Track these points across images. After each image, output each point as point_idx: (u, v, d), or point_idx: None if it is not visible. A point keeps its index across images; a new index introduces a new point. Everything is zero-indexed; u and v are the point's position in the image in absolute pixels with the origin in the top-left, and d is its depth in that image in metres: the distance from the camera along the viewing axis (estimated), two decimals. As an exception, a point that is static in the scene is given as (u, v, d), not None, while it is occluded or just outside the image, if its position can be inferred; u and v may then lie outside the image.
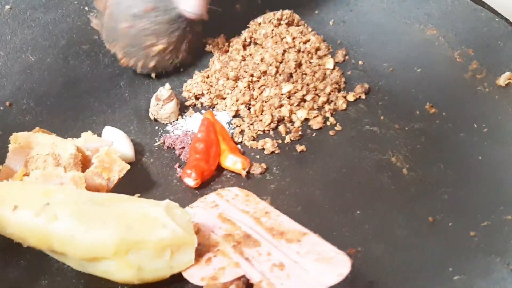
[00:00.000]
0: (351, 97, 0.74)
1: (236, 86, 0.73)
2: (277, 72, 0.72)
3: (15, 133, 0.58)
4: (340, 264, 0.48)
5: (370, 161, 0.66)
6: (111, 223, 0.48)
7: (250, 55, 0.75)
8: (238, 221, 0.55)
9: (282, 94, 0.71)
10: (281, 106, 0.71)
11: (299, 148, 0.68)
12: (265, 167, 0.65)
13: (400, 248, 0.56)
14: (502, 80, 0.68)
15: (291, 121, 0.71)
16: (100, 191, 0.57)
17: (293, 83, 0.72)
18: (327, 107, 0.72)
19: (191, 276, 0.49)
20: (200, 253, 0.51)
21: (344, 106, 0.73)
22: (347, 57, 0.79)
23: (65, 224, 0.48)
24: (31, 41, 0.75)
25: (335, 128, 0.70)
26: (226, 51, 0.77)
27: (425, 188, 0.62)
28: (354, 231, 0.58)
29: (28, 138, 0.58)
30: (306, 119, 0.71)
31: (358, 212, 0.60)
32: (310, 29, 0.79)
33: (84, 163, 0.60)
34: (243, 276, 0.48)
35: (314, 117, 0.71)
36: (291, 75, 0.73)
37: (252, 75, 0.72)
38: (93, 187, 0.57)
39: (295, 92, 0.72)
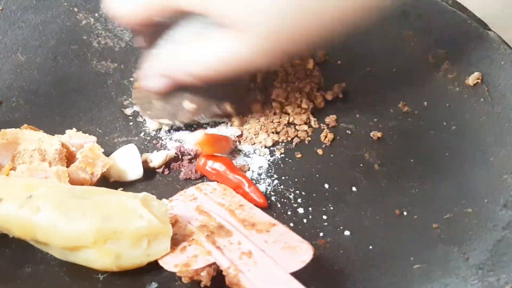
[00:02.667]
0: (329, 96, 0.76)
1: None
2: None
3: (3, 129, 0.61)
4: (303, 252, 0.51)
5: (344, 157, 0.69)
6: (91, 214, 0.51)
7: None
8: (213, 213, 0.58)
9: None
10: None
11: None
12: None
13: (366, 238, 0.59)
14: (471, 80, 0.71)
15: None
16: (84, 184, 0.60)
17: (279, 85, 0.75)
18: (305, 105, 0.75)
19: (166, 263, 0.52)
20: (176, 242, 0.54)
21: (322, 104, 0.76)
22: (326, 57, 0.82)
23: (47, 215, 0.51)
24: (21, 41, 0.77)
25: (313, 125, 0.73)
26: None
27: (394, 183, 0.65)
28: (325, 224, 0.61)
29: (15, 134, 0.61)
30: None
31: (330, 205, 0.63)
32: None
33: (69, 159, 0.62)
34: (214, 263, 0.51)
35: (297, 113, 0.74)
36: (277, 74, 0.76)
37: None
38: (77, 181, 0.60)
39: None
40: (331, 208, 0.63)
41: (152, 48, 0.65)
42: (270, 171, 0.67)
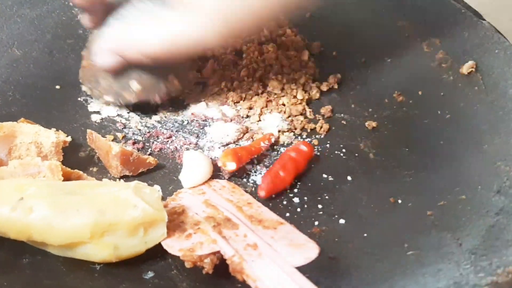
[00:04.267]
0: (324, 87, 0.77)
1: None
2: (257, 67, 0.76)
3: (0, 122, 0.62)
4: (309, 250, 0.52)
5: (339, 146, 0.69)
6: (85, 210, 0.51)
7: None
8: (221, 207, 0.59)
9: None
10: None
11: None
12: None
13: (361, 226, 0.59)
14: (465, 69, 0.72)
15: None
16: (81, 178, 0.61)
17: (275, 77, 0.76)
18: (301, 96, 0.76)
19: (170, 247, 0.53)
20: (181, 229, 0.55)
21: (318, 95, 0.76)
22: (322, 48, 0.82)
23: (41, 215, 0.51)
24: (17, 36, 0.77)
25: (308, 116, 0.73)
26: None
27: (389, 171, 0.66)
28: (320, 212, 0.62)
29: (12, 127, 0.62)
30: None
31: (325, 194, 0.64)
32: (286, 22, 0.83)
33: (66, 152, 0.63)
34: (218, 252, 0.52)
35: (293, 104, 0.74)
36: (271, 66, 0.77)
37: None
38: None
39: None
40: (327, 197, 0.63)
41: (102, 26, 0.66)
42: (266, 161, 0.68)
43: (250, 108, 0.73)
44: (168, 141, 0.70)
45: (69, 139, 0.64)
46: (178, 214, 0.57)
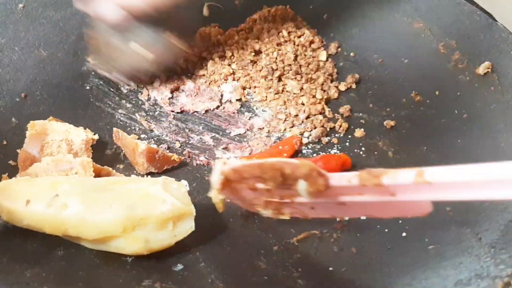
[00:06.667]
0: (342, 86, 0.79)
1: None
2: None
3: (33, 121, 0.64)
4: (423, 205, 0.49)
5: (359, 145, 0.71)
6: (116, 205, 0.53)
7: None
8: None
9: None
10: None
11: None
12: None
13: (382, 222, 0.61)
14: (481, 69, 0.73)
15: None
16: (110, 174, 0.63)
17: (294, 77, 0.77)
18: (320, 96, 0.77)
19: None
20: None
21: (336, 95, 0.78)
22: (339, 49, 0.84)
23: (75, 211, 0.53)
24: (43, 37, 0.79)
25: (327, 115, 0.75)
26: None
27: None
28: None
29: (44, 125, 0.64)
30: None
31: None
32: (304, 23, 0.85)
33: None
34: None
35: (312, 104, 0.76)
36: (290, 66, 0.78)
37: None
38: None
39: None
40: (347, 193, 0.65)
41: None
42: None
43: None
44: (190, 140, 0.72)
45: (96, 137, 0.66)
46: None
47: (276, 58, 0.79)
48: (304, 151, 0.71)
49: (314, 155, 0.71)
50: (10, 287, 0.50)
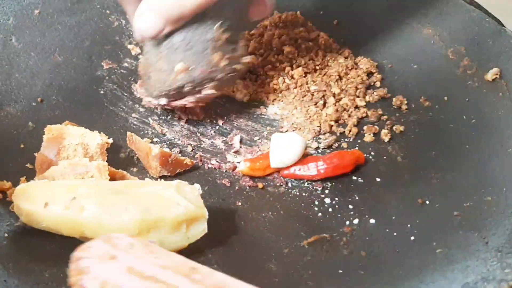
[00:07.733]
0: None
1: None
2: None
3: (49, 125, 0.65)
4: None
5: (368, 150, 0.72)
6: (132, 208, 0.55)
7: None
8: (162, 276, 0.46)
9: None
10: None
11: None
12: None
13: (391, 225, 0.62)
14: (490, 76, 0.74)
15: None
16: (124, 177, 0.65)
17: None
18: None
19: None
20: None
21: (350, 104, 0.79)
22: (350, 55, 0.85)
23: (92, 213, 0.54)
24: (58, 42, 0.80)
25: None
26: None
27: (417, 174, 0.68)
28: (351, 212, 0.65)
29: (60, 129, 0.65)
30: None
31: (356, 195, 0.66)
32: (314, 29, 0.86)
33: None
34: None
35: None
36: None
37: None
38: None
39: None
40: (357, 198, 0.66)
41: None
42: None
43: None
44: (201, 144, 0.74)
45: (110, 140, 0.68)
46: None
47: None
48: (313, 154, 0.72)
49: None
50: (31, 287, 0.51)
